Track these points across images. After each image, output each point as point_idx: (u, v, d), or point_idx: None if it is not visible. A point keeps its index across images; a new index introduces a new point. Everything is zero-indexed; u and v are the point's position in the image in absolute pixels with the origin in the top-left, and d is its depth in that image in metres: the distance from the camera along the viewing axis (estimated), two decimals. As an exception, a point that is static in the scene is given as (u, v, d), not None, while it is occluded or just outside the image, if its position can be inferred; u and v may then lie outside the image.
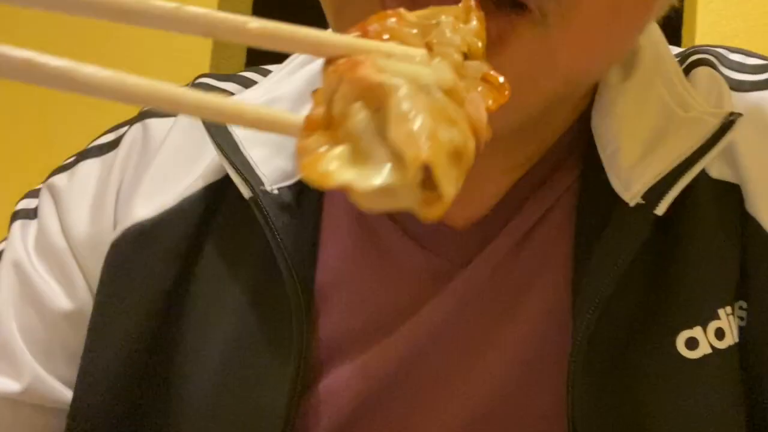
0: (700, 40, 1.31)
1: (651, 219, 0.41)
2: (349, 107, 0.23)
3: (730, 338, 0.42)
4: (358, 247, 0.46)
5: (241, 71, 0.55)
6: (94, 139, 0.54)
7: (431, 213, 0.22)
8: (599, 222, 0.43)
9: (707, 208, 0.43)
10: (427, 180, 0.22)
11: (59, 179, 0.51)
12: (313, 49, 0.25)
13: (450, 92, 0.24)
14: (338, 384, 0.45)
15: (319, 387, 0.45)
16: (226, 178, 0.46)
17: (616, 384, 0.42)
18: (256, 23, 0.23)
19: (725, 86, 0.46)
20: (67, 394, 0.48)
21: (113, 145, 0.52)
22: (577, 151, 0.46)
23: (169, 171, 0.49)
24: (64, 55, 0.21)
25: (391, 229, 0.46)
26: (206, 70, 1.54)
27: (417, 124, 0.22)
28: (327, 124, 0.23)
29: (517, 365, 0.44)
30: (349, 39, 0.25)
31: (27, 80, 0.22)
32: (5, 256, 0.50)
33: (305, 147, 0.23)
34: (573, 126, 0.46)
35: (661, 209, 0.41)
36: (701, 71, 0.47)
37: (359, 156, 0.22)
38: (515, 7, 0.36)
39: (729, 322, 0.42)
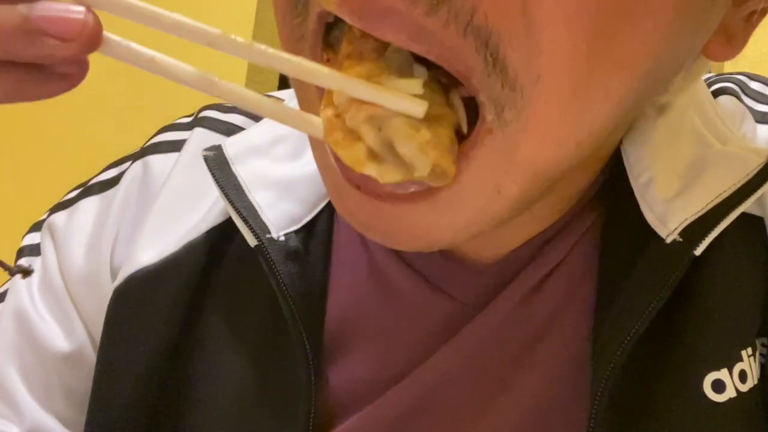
0: (729, 64, 1.28)
1: (689, 259, 0.38)
2: (359, 127, 0.30)
3: (751, 380, 0.40)
4: (368, 291, 0.45)
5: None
6: (98, 174, 0.53)
7: (440, 182, 0.31)
8: (628, 260, 0.40)
9: (732, 241, 0.41)
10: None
11: (58, 218, 0.51)
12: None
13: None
14: None
15: None
16: (230, 221, 0.45)
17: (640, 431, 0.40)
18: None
19: (751, 118, 0.45)
20: None
21: (114, 182, 0.51)
22: (604, 184, 0.43)
23: (171, 213, 0.47)
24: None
25: (402, 271, 0.44)
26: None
27: (418, 139, 0.30)
28: (342, 125, 0.31)
29: (533, 412, 0.42)
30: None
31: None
32: (8, 296, 0.50)
33: (336, 141, 0.31)
34: (606, 165, 0.43)
35: (699, 249, 0.38)
36: (725, 101, 0.46)
37: (377, 156, 0.31)
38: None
39: (750, 363, 0.40)
